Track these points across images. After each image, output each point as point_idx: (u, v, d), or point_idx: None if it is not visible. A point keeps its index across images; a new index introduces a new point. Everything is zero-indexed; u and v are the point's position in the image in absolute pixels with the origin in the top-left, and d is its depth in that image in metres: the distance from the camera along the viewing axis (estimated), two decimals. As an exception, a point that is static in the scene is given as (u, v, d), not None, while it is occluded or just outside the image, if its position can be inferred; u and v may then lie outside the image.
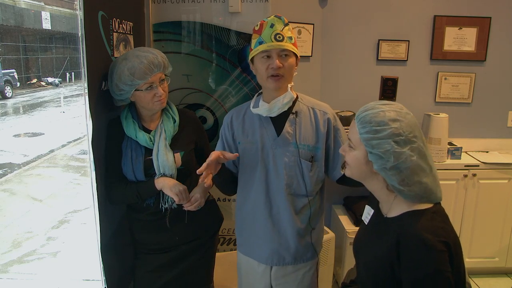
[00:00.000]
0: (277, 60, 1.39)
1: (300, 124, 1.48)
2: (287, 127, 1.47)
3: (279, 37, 1.39)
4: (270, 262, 1.53)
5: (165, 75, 1.58)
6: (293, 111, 1.49)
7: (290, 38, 1.42)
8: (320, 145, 1.49)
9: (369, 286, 1.12)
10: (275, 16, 1.43)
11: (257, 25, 1.45)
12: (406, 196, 1.04)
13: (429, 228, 0.99)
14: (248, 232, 1.57)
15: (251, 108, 1.52)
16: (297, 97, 1.52)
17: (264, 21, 1.44)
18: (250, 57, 1.48)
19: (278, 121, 1.48)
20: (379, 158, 1.02)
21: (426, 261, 0.96)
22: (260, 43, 1.41)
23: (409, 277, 0.99)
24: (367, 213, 1.23)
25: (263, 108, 1.46)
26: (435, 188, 1.05)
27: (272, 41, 1.39)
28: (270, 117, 1.49)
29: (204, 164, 1.34)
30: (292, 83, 1.49)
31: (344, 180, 1.55)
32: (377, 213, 1.17)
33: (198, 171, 1.34)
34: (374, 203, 1.20)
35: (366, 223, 1.23)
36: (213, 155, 1.36)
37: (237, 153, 1.43)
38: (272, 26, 1.41)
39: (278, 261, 1.53)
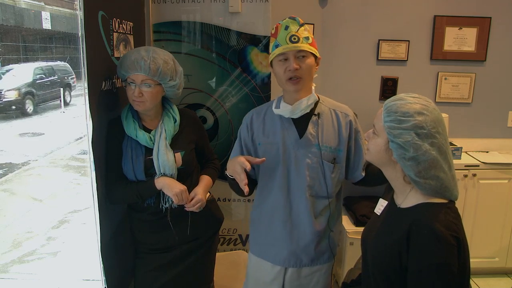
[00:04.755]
0: (294, 62, 1.39)
1: (323, 126, 1.48)
2: (310, 129, 1.47)
3: (295, 38, 1.39)
4: (287, 263, 1.52)
5: (160, 83, 1.54)
6: (315, 112, 1.48)
7: (307, 38, 1.41)
8: (342, 147, 1.49)
9: (375, 276, 1.12)
10: (289, 17, 1.43)
11: (273, 29, 1.46)
12: (422, 188, 1.05)
13: (442, 221, 1.00)
14: (264, 233, 1.56)
15: (273, 109, 1.51)
16: (318, 98, 1.52)
17: (279, 23, 1.43)
18: (269, 61, 1.48)
19: (300, 123, 1.48)
20: (399, 148, 1.04)
21: (435, 252, 0.97)
22: (277, 46, 1.41)
23: (416, 265, 0.99)
24: (381, 205, 1.25)
25: (286, 109, 1.46)
26: (451, 186, 1.06)
27: (288, 43, 1.39)
28: (292, 118, 1.48)
29: (243, 176, 1.32)
30: (315, 84, 1.49)
31: (364, 182, 1.56)
32: (391, 204, 1.18)
33: (243, 185, 1.32)
34: (388, 197, 1.22)
35: (378, 215, 1.24)
36: (246, 162, 1.33)
37: (264, 158, 1.41)
38: (286, 28, 1.40)
39: (295, 263, 1.52)
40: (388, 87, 2.80)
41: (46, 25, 16.52)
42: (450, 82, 2.82)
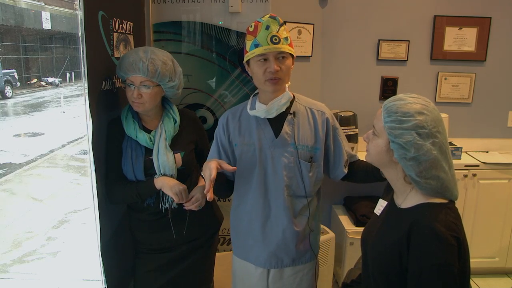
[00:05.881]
0: (275, 64, 1.36)
1: (298, 125, 1.46)
2: (286, 128, 1.45)
3: (276, 39, 1.36)
4: (268, 265, 1.51)
5: (158, 84, 1.55)
6: (291, 111, 1.47)
7: (286, 38, 1.39)
8: (319, 146, 1.48)
9: (375, 276, 1.12)
10: (269, 16, 1.39)
11: (251, 26, 1.41)
12: (422, 188, 1.05)
13: (442, 221, 1.00)
14: (244, 234, 1.55)
15: (248, 110, 1.49)
16: (293, 97, 1.50)
17: (258, 22, 1.39)
18: (245, 59, 1.45)
19: (276, 122, 1.46)
20: (400, 148, 1.03)
21: (436, 252, 0.97)
22: (256, 45, 1.37)
23: (416, 266, 0.99)
24: (380, 205, 1.25)
25: (261, 110, 1.44)
26: (451, 185, 1.06)
27: (269, 44, 1.35)
28: (267, 118, 1.46)
29: (208, 183, 1.28)
30: (289, 82, 1.47)
31: (350, 178, 1.55)
32: (391, 204, 1.18)
33: (205, 192, 1.28)
34: (388, 198, 1.22)
35: (378, 215, 1.24)
36: (213, 170, 1.30)
37: (235, 167, 1.39)
38: (267, 28, 1.37)
39: (276, 264, 1.51)
40: (388, 87, 2.80)
41: (46, 25, 16.53)
42: (450, 82, 2.82)
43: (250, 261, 1.55)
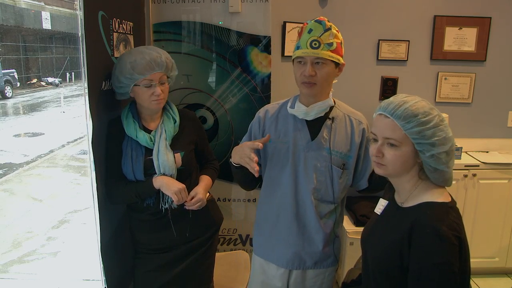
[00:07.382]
0: (309, 69, 1.37)
1: (335, 130, 1.47)
2: (323, 132, 1.46)
3: (315, 44, 1.36)
4: (290, 265, 1.51)
5: (167, 77, 1.59)
6: (330, 116, 1.47)
7: (330, 44, 1.37)
8: (353, 154, 1.48)
9: (376, 275, 1.12)
10: (315, 20, 1.39)
11: (299, 28, 1.44)
12: (439, 178, 1.06)
13: (444, 220, 1.00)
14: (269, 233, 1.55)
15: (288, 107, 1.50)
16: (334, 102, 1.51)
17: (306, 23, 1.41)
18: (292, 59, 1.47)
19: (313, 125, 1.47)
20: (432, 146, 1.03)
21: (437, 251, 0.97)
22: (298, 48, 1.40)
23: (417, 265, 0.99)
24: (381, 204, 1.25)
25: (300, 110, 1.45)
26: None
27: (307, 48, 1.36)
28: (305, 120, 1.47)
29: (250, 159, 1.32)
30: (333, 89, 1.48)
31: (368, 189, 1.56)
32: (392, 204, 1.18)
33: (256, 172, 1.31)
34: (389, 197, 1.22)
35: (378, 214, 1.24)
36: (255, 143, 1.35)
37: (268, 135, 1.42)
38: (310, 31, 1.37)
39: (299, 265, 1.51)
40: (388, 87, 2.80)
41: (46, 25, 16.53)
42: (450, 82, 2.82)
43: (271, 261, 1.55)
